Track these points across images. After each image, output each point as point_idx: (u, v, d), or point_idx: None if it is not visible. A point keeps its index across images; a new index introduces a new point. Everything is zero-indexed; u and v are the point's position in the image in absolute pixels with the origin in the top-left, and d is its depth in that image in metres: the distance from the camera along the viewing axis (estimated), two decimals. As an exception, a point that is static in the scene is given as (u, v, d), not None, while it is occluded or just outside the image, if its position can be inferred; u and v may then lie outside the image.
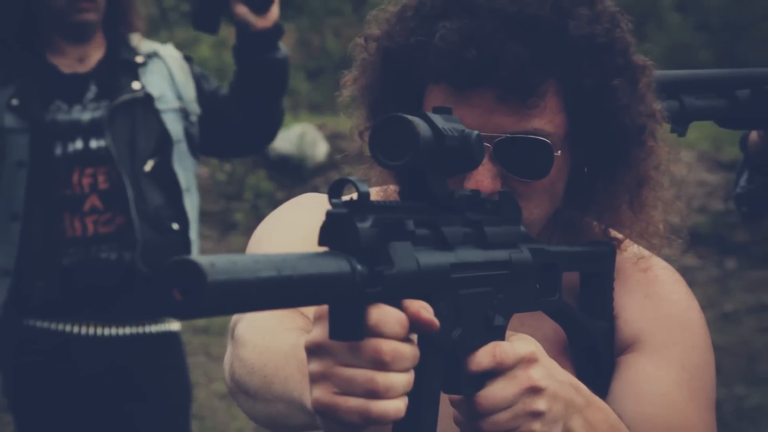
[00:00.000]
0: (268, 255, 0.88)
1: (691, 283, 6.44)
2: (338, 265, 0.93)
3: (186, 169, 3.60)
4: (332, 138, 10.49)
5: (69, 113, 3.44)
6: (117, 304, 3.38)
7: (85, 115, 3.44)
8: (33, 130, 3.40)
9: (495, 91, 1.39)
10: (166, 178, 3.53)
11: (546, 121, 1.43)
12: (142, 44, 3.67)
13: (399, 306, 1.01)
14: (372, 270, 0.97)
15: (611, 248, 1.55)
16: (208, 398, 6.35)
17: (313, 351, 1.02)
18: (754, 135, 2.03)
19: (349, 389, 0.97)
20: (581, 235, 1.63)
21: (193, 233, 3.59)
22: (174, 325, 3.54)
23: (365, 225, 0.97)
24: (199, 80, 3.73)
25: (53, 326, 3.37)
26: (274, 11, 3.51)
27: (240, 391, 1.36)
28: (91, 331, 3.35)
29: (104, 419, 3.47)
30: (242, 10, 3.46)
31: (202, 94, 3.69)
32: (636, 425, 1.45)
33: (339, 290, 0.93)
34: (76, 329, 3.35)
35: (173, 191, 3.55)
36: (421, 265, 1.05)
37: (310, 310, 1.20)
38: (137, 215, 3.40)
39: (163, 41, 13.82)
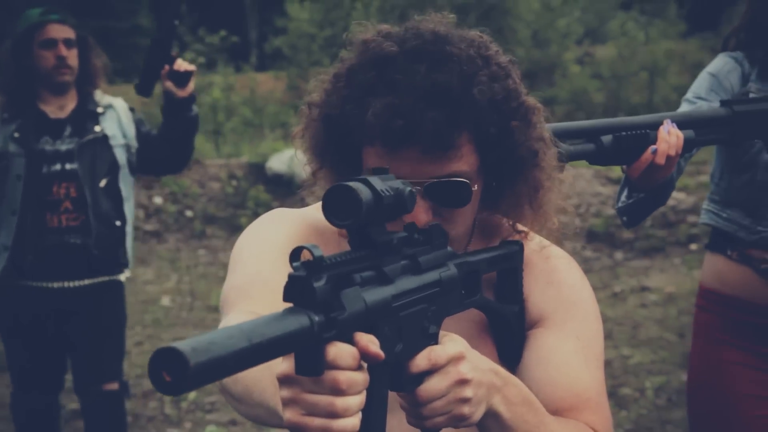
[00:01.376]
0: (240, 326, 0.87)
1: (589, 270, 6.54)
2: (299, 321, 0.92)
3: (126, 185, 4.00)
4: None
5: (53, 145, 3.86)
6: (78, 268, 3.88)
7: (63, 146, 3.86)
8: (28, 155, 3.81)
9: (420, 147, 1.35)
10: (113, 191, 3.95)
11: (462, 163, 1.39)
12: (103, 98, 4.01)
13: (351, 340, 1.01)
14: (327, 317, 0.96)
15: (520, 246, 1.51)
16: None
17: (283, 381, 1.00)
18: None
19: (314, 412, 0.97)
20: (495, 231, 1.60)
21: (129, 228, 4.03)
22: (116, 277, 4.06)
23: (320, 283, 0.96)
24: (138, 124, 4.10)
25: (37, 284, 3.85)
26: (191, 86, 3.91)
27: (226, 393, 1.30)
28: (62, 285, 3.86)
29: (69, 334, 4.00)
30: (169, 84, 3.86)
31: (139, 134, 4.05)
32: (544, 386, 1.42)
33: (302, 341, 0.93)
34: (51, 285, 3.85)
35: (117, 200, 3.95)
36: (368, 303, 1.05)
37: None
38: (93, 215, 3.84)
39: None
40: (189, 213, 11.46)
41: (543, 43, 20.91)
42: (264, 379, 1.17)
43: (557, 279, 1.56)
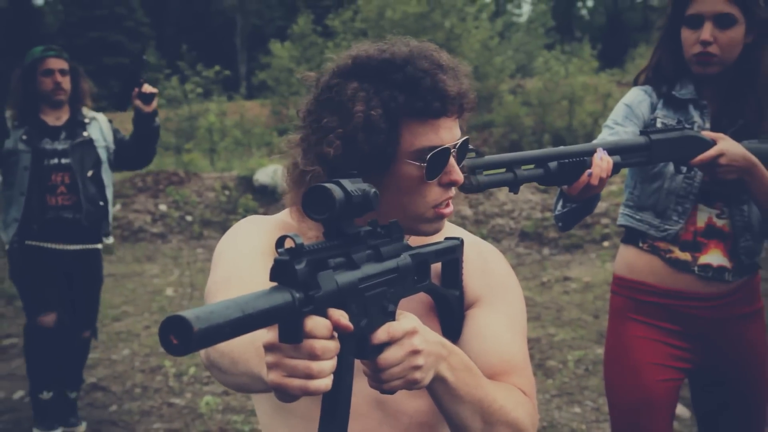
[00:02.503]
0: (235, 300, 0.89)
1: (521, 264, 6.56)
2: (283, 297, 0.94)
3: (107, 176, 4.36)
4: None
5: (52, 145, 4.18)
6: (71, 235, 4.20)
7: (59, 146, 4.19)
8: (33, 152, 4.12)
9: (453, 118, 1.36)
10: (97, 180, 4.29)
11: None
12: (89, 112, 4.35)
13: (325, 314, 1.02)
14: (306, 295, 0.98)
15: (461, 241, 1.48)
16: None
17: (269, 348, 1.01)
18: None
19: (293, 374, 0.99)
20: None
21: (110, 207, 4.40)
22: (97, 245, 4.38)
23: (301, 266, 0.98)
24: (114, 132, 4.46)
25: (41, 245, 4.17)
26: (154, 104, 4.17)
27: (213, 367, 1.27)
28: (59, 247, 4.20)
29: (62, 286, 4.28)
30: (138, 102, 4.12)
31: (116, 139, 4.42)
32: (479, 357, 1.40)
33: (285, 313, 0.95)
34: (51, 246, 4.18)
35: (101, 186, 4.31)
36: (339, 284, 1.07)
37: None
38: (83, 196, 4.17)
39: (182, 112, 13.56)
40: (189, 218, 11.40)
41: (482, 76, 21.03)
42: (248, 351, 1.16)
43: (489, 268, 1.53)
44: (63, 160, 4.15)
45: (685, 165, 2.05)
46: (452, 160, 1.33)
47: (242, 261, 1.36)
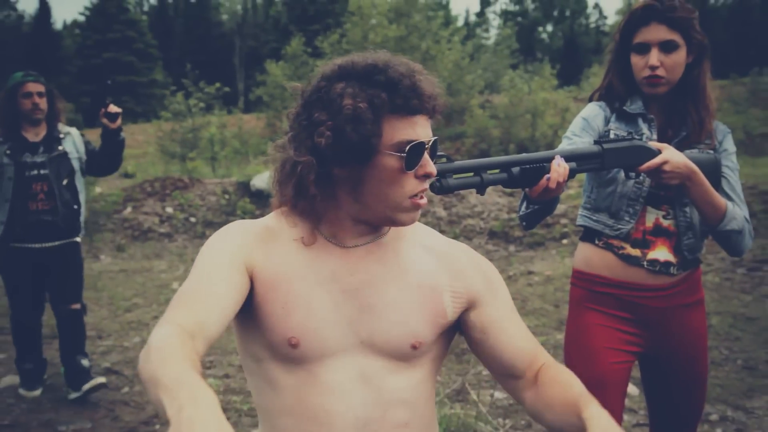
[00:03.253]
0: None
1: (490, 259, 6.55)
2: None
3: (80, 183, 4.49)
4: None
5: (32, 158, 4.31)
6: (49, 234, 4.35)
7: (38, 159, 4.31)
8: (16, 164, 4.26)
9: (426, 116, 1.35)
10: (72, 187, 4.41)
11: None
12: (63, 128, 4.47)
13: None
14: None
15: None
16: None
17: None
18: None
19: None
20: None
21: (82, 209, 4.49)
22: (76, 239, 4.50)
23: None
24: (86, 144, 4.55)
25: (23, 245, 4.33)
26: (119, 122, 4.34)
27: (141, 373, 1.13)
28: (38, 245, 4.34)
29: (45, 276, 4.46)
30: (105, 120, 4.31)
31: (87, 151, 4.53)
32: (509, 346, 1.42)
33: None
34: (32, 245, 4.33)
35: (74, 192, 4.43)
36: None
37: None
38: (59, 202, 4.31)
39: (187, 124, 13.45)
40: (193, 219, 11.35)
41: (455, 92, 21.11)
42: (168, 393, 1.01)
43: (480, 264, 1.50)
44: (41, 171, 4.31)
45: (634, 171, 2.06)
46: (426, 155, 1.33)
47: (215, 268, 1.30)
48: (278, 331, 1.32)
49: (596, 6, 74.96)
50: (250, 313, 1.36)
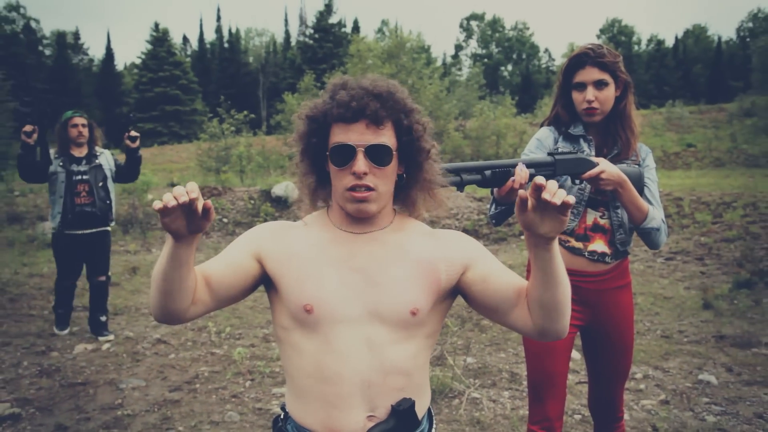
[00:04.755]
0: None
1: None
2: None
3: (111, 186, 4.94)
4: (301, 188, 10.27)
5: (77, 167, 4.80)
6: (91, 223, 4.84)
7: (81, 168, 4.81)
8: (66, 172, 4.76)
9: (365, 123, 1.29)
10: (105, 188, 4.88)
11: (387, 138, 1.30)
12: (99, 149, 4.96)
13: None
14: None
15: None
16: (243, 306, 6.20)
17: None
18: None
19: None
20: (413, 206, 1.43)
21: (113, 204, 4.95)
22: (106, 228, 4.94)
23: None
24: (115, 160, 5.02)
25: (72, 231, 4.80)
26: (137, 143, 4.87)
27: (154, 306, 1.29)
28: (82, 232, 4.83)
29: (85, 254, 4.93)
30: (127, 142, 4.83)
31: (115, 164, 5.01)
32: (504, 286, 1.35)
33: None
34: (78, 231, 4.81)
35: (107, 192, 4.90)
36: None
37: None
38: (97, 197, 4.81)
39: (221, 144, 13.35)
40: (225, 220, 11.31)
41: (435, 118, 21.15)
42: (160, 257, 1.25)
43: (463, 237, 1.44)
44: (84, 177, 4.81)
45: (578, 178, 2.07)
46: (360, 156, 1.28)
47: (236, 245, 1.40)
48: (294, 299, 1.31)
49: (546, 50, 74.92)
50: (275, 290, 1.37)
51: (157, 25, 44.74)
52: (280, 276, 1.34)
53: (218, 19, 58.73)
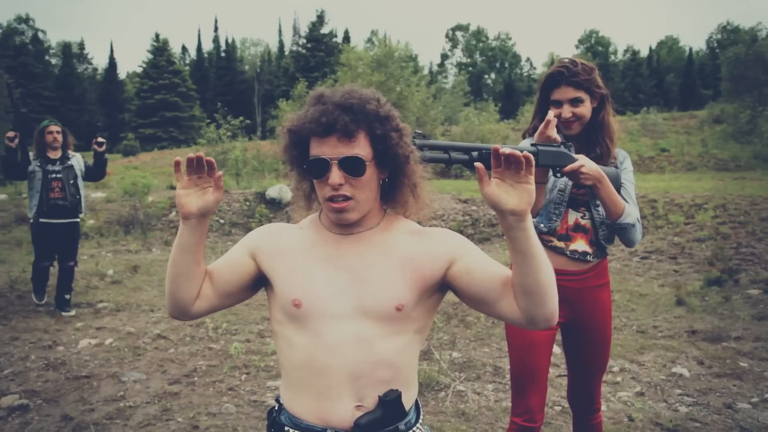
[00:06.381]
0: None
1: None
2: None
3: (81, 183, 5.54)
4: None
5: (52, 167, 5.43)
6: (63, 214, 5.47)
7: (56, 168, 5.44)
8: (42, 171, 5.40)
9: (336, 136, 1.26)
10: (76, 185, 5.49)
11: (361, 149, 1.27)
12: (71, 153, 5.59)
13: None
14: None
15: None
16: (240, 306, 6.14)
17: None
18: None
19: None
20: (402, 206, 1.40)
21: (83, 199, 5.57)
22: (75, 219, 5.56)
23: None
24: (84, 162, 5.62)
25: (47, 220, 5.44)
26: (104, 147, 5.53)
27: (169, 300, 1.38)
28: (55, 221, 5.47)
29: (60, 244, 5.58)
30: (95, 146, 5.49)
31: (85, 165, 5.63)
32: (490, 276, 1.30)
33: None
34: (53, 221, 5.46)
35: (77, 188, 5.52)
36: None
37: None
38: (68, 193, 5.43)
39: (218, 147, 13.30)
40: (221, 220, 11.26)
41: (422, 124, 21.17)
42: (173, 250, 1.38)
43: (450, 233, 1.37)
44: (58, 175, 5.42)
45: (559, 171, 2.06)
46: (334, 168, 1.27)
47: (237, 247, 1.44)
48: (284, 293, 1.33)
49: (528, 59, 75.24)
50: (270, 286, 1.39)
51: (157, 35, 44.63)
52: (272, 272, 1.37)
53: (215, 29, 58.48)
